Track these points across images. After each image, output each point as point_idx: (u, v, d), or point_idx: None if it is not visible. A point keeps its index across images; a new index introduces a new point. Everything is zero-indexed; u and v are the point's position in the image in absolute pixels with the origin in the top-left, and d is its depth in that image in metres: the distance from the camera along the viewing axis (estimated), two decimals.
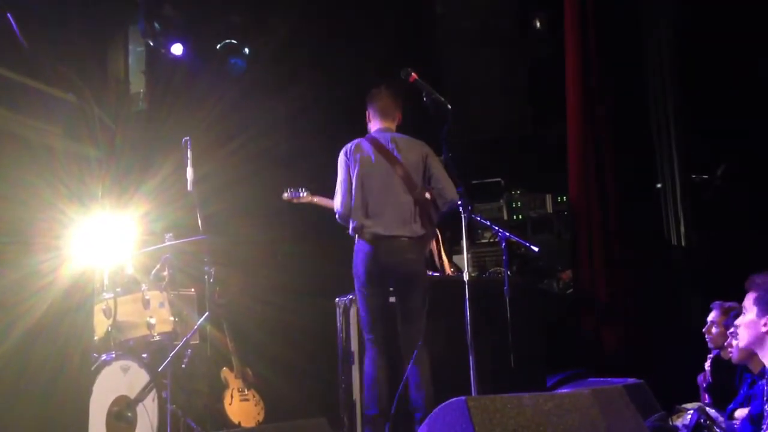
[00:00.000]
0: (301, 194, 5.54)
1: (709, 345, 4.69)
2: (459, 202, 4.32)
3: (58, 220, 1.89)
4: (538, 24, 7.80)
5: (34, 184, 1.83)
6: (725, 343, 3.68)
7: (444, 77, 8.10)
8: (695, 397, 4.83)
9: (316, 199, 5.54)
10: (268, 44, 7.13)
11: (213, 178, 5.84)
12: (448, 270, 5.67)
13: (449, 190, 4.57)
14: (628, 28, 6.53)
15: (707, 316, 4.71)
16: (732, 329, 3.62)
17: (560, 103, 6.61)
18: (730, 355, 3.71)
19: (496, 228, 5.11)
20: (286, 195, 5.60)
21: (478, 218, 5.28)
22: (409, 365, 4.35)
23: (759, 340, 3.21)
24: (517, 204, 7.59)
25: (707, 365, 4.80)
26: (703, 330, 4.62)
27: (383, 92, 4.81)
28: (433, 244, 5.72)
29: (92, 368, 4.04)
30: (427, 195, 4.65)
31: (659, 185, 6.91)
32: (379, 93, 4.81)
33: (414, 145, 4.71)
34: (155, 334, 4.80)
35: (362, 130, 4.80)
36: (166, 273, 5.00)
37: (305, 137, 7.03)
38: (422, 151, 4.70)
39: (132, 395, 4.29)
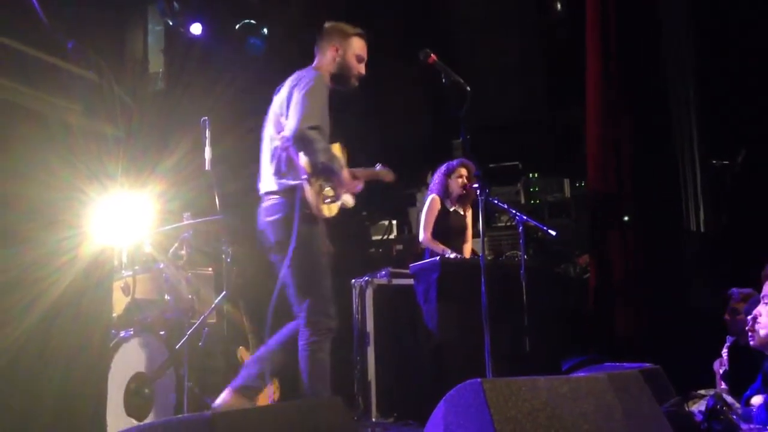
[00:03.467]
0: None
1: (728, 331, 4.67)
2: (292, 136, 3.55)
3: (77, 198, 1.90)
4: (559, 6, 7.72)
5: (52, 162, 1.84)
6: (747, 328, 3.66)
7: (461, 59, 8.05)
8: (710, 383, 4.81)
9: None
10: (283, 23, 7.11)
11: (230, 157, 5.85)
12: (467, 253, 5.67)
13: (289, 124, 3.60)
14: (648, 9, 6.45)
15: (723, 302, 4.69)
16: (753, 315, 3.60)
17: (578, 86, 6.56)
18: (750, 340, 3.69)
19: (513, 211, 5.09)
20: None
21: (495, 201, 5.27)
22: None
23: None
24: (534, 188, 7.56)
25: (724, 353, 4.78)
26: (725, 317, 4.59)
27: None
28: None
29: (111, 345, 4.08)
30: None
31: (678, 170, 6.85)
32: None
33: (291, 78, 3.82)
34: (173, 312, 4.85)
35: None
36: (184, 252, 5.03)
37: None
38: (293, 82, 3.76)
39: (150, 372, 4.33)
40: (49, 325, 1.73)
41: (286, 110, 3.69)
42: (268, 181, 3.78)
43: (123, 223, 4.58)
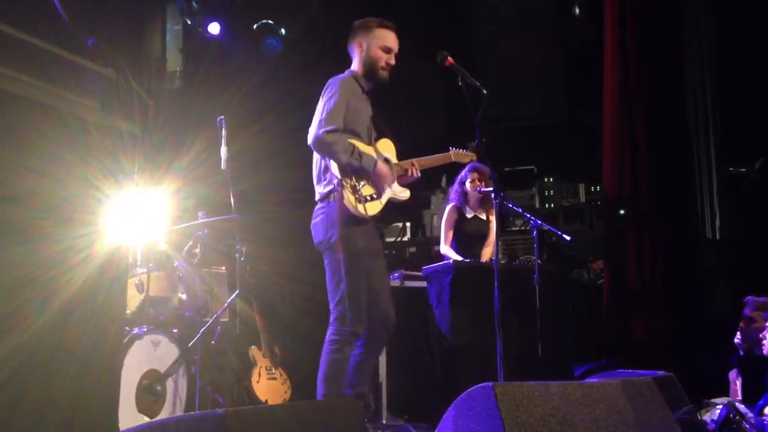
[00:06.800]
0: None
1: (742, 339, 4.62)
2: (312, 143, 3.66)
3: (93, 195, 1.91)
4: (577, 11, 7.68)
5: (68, 159, 1.85)
6: (759, 336, 3.63)
7: (478, 61, 8.01)
8: (723, 392, 4.77)
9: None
10: (301, 23, 7.13)
11: (245, 156, 5.87)
12: (486, 257, 5.62)
13: (310, 133, 3.70)
14: (667, 13, 6.41)
15: (738, 310, 4.65)
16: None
17: (596, 91, 6.53)
18: (763, 348, 3.66)
19: (528, 216, 5.06)
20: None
21: (510, 205, 5.24)
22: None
23: None
24: (549, 192, 7.52)
25: (737, 338, 4.68)
26: (740, 324, 4.55)
27: None
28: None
29: (124, 342, 4.10)
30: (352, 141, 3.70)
31: (695, 177, 6.80)
32: None
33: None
34: (186, 310, 4.87)
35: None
36: (198, 250, 5.06)
37: None
38: (323, 90, 3.84)
39: (162, 369, 4.35)
40: (63, 321, 1.74)
41: None
42: (316, 188, 3.90)
43: (138, 220, 4.61)
